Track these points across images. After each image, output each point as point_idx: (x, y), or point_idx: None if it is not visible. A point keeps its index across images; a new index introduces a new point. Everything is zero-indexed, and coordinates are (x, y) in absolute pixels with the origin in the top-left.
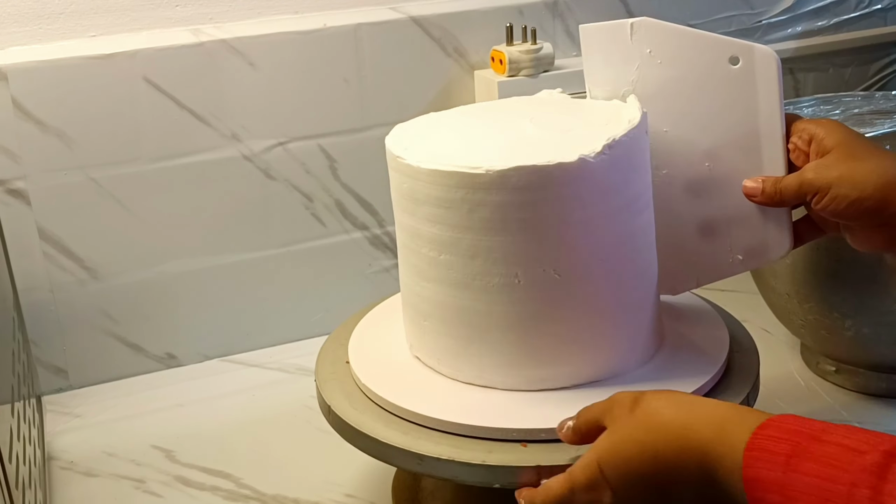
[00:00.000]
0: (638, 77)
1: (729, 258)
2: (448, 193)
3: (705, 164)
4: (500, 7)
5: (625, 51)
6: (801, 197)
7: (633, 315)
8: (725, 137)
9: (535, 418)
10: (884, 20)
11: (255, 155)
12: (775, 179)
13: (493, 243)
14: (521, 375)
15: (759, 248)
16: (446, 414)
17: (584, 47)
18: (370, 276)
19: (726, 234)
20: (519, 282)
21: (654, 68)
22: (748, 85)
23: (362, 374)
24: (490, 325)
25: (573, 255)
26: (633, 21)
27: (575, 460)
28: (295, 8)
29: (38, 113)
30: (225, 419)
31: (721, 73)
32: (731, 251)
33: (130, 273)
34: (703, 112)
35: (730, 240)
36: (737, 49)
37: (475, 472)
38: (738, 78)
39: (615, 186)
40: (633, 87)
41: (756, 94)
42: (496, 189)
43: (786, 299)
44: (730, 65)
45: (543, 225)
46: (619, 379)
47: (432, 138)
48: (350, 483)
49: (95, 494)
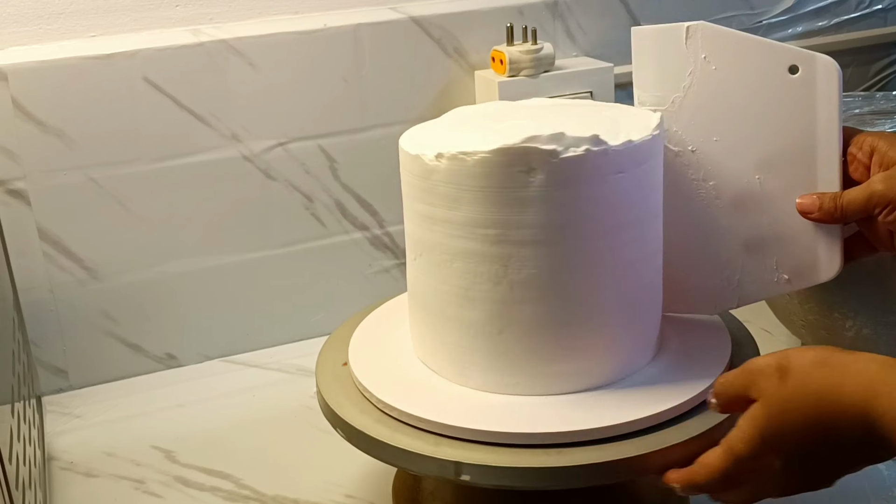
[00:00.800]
0: (691, 83)
1: (774, 277)
2: (456, 192)
3: (755, 177)
4: (501, 7)
5: (678, 55)
6: (867, 211)
7: (638, 321)
8: (779, 149)
9: (532, 421)
10: (884, 20)
11: (255, 155)
12: (834, 195)
13: (503, 250)
14: (522, 380)
15: (807, 268)
16: (448, 418)
17: (634, 50)
18: (370, 277)
19: (773, 252)
20: (526, 289)
21: (709, 75)
22: (807, 95)
23: (362, 376)
24: (496, 331)
25: (583, 263)
26: (689, 25)
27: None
28: (295, 8)
29: (39, 113)
30: (225, 419)
31: (779, 81)
32: (778, 269)
33: (130, 273)
34: (757, 122)
35: (776, 258)
36: (797, 57)
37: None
38: (796, 87)
39: (628, 197)
40: (684, 93)
41: (815, 105)
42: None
43: (787, 300)
44: (789, 74)
45: (554, 233)
46: (621, 384)
47: (446, 137)
48: (350, 483)
49: (95, 495)
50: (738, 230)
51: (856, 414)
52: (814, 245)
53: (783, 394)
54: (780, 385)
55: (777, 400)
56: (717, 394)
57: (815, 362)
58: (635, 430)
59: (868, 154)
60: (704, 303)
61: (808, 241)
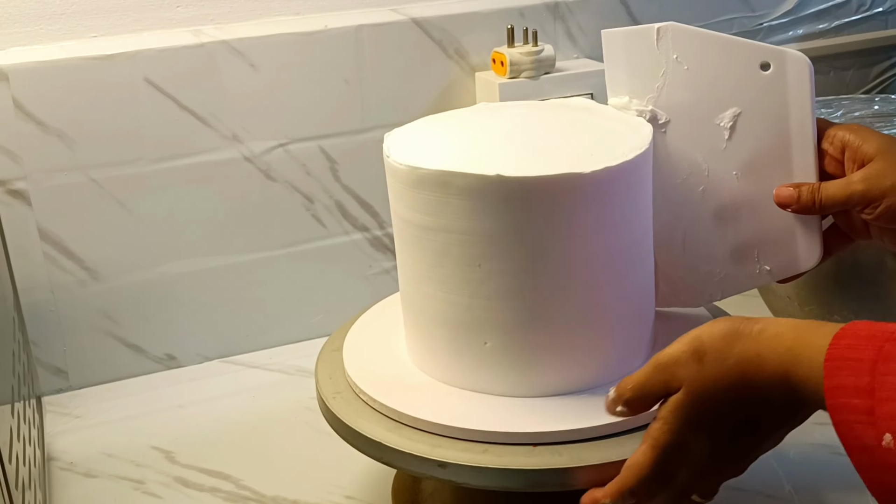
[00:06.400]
0: (663, 83)
1: (756, 269)
2: (444, 198)
3: (733, 174)
4: (502, 9)
5: (650, 57)
6: (845, 206)
7: (629, 323)
8: (755, 146)
9: (521, 421)
10: (885, 23)
11: (255, 156)
12: (812, 187)
13: (486, 252)
14: (512, 381)
15: (788, 260)
16: (440, 417)
17: (606, 53)
18: (370, 278)
19: (754, 245)
20: (513, 290)
21: (681, 74)
22: (779, 91)
23: (358, 378)
24: (485, 333)
25: (570, 264)
26: (659, 26)
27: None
28: (296, 9)
29: (39, 113)
30: (225, 420)
31: (751, 79)
32: (759, 262)
33: (130, 273)
34: (731, 120)
35: (757, 251)
36: (768, 54)
37: (477, 474)
38: (768, 84)
39: (613, 200)
40: (658, 94)
41: (787, 101)
42: (494, 197)
43: (786, 302)
44: (760, 70)
45: (540, 235)
46: (611, 386)
47: (432, 141)
48: (350, 485)
49: (95, 495)
50: (719, 228)
51: (778, 381)
52: (793, 237)
53: (704, 375)
54: (699, 368)
55: (699, 383)
56: (630, 399)
57: (726, 336)
58: (634, 428)
59: (839, 149)
60: (687, 298)
61: (787, 234)
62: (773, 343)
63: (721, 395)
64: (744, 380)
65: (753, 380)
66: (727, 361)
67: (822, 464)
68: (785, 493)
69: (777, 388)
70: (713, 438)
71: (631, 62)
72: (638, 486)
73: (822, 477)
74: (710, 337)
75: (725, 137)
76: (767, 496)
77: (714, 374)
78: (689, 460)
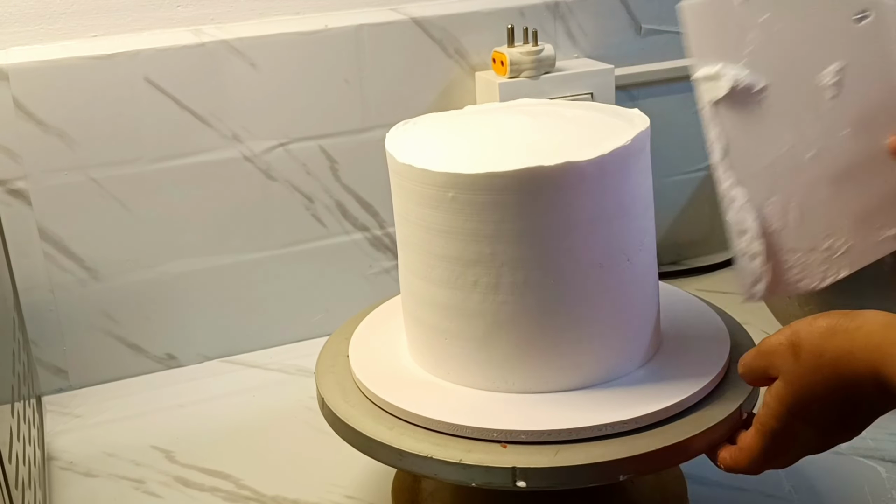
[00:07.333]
0: (754, 48)
1: (881, 234)
2: (440, 194)
3: (843, 133)
4: (502, 8)
5: (734, 21)
6: None
7: (631, 319)
8: (863, 99)
9: (518, 420)
10: None
11: (255, 156)
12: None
13: (487, 248)
14: (516, 378)
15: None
16: (435, 413)
17: (687, 26)
18: (370, 278)
19: (878, 208)
20: (514, 286)
21: (771, 35)
22: (881, 38)
23: (362, 376)
24: (485, 330)
25: (569, 259)
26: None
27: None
28: (296, 9)
29: (40, 113)
30: (225, 420)
31: (849, 30)
32: (885, 226)
33: (130, 273)
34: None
35: (882, 214)
36: (863, 2)
37: (453, 470)
38: (868, 32)
39: (610, 191)
40: (749, 58)
41: (891, 47)
42: (487, 191)
43: (786, 302)
44: (856, 21)
45: (538, 229)
46: (616, 383)
47: (432, 138)
48: (350, 484)
49: (95, 495)
50: (838, 195)
51: (869, 376)
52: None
53: (800, 369)
54: (796, 361)
55: (796, 376)
56: (742, 374)
57: (823, 333)
58: (634, 428)
59: None
60: (811, 279)
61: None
62: (864, 341)
63: (819, 388)
64: (838, 375)
65: (846, 375)
66: (822, 358)
67: (822, 464)
68: (785, 493)
69: (868, 383)
70: (816, 425)
71: (716, 30)
72: (748, 467)
73: (822, 477)
74: (808, 333)
75: (829, 96)
76: (767, 496)
77: (808, 369)
78: (796, 442)
